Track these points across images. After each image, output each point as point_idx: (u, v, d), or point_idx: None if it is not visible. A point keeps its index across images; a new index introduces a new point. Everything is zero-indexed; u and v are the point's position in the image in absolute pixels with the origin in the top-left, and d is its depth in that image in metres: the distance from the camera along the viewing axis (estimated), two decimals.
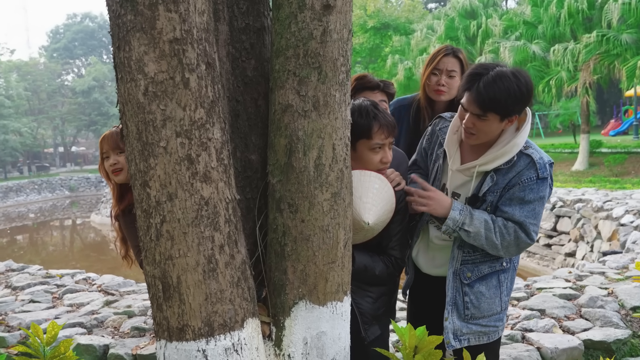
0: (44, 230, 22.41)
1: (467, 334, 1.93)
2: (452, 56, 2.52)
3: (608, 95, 28.49)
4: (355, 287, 1.80)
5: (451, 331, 1.92)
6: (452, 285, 1.93)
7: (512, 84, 1.70)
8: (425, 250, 2.05)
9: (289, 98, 1.54)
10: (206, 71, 1.34)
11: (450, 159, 1.95)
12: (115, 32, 1.31)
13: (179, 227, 1.33)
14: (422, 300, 2.15)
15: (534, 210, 1.81)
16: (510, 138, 1.82)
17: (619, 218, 7.12)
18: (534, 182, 1.80)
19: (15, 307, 4.27)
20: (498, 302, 1.95)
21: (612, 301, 3.56)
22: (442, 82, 2.50)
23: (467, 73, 1.82)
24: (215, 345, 1.37)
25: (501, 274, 1.95)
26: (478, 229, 1.82)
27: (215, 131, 1.37)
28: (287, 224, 1.56)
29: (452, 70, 2.50)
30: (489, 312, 1.94)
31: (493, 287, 1.93)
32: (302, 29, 1.52)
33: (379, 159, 1.87)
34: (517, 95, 1.71)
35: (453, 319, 1.93)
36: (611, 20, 12.99)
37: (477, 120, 1.76)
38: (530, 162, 1.80)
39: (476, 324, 1.94)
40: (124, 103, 1.33)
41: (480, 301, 1.92)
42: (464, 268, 1.92)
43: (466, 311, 1.93)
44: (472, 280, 1.92)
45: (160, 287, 1.36)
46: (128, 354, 3.30)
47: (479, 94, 1.72)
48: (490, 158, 1.83)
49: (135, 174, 1.34)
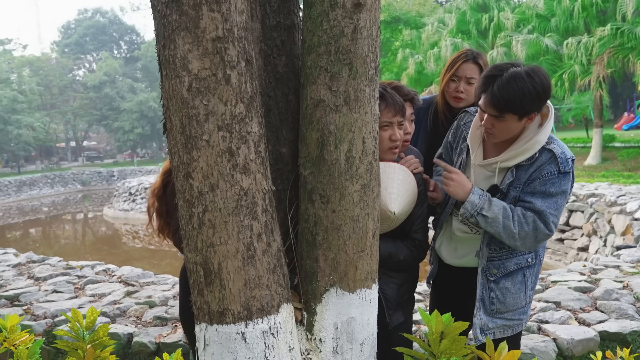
0: (56, 224, 22.71)
1: (492, 328, 1.98)
2: (472, 62, 2.50)
3: (621, 89, 28.20)
4: (380, 274, 1.86)
5: (478, 326, 1.98)
6: (480, 283, 1.98)
7: (526, 84, 1.72)
8: (449, 242, 2.10)
9: (320, 93, 1.60)
10: (245, 68, 1.41)
11: (472, 153, 1.99)
12: (161, 31, 1.38)
13: (220, 216, 1.40)
14: (445, 289, 2.21)
15: (556, 203, 1.84)
16: (532, 135, 1.84)
17: (633, 212, 7.11)
18: (555, 176, 1.82)
19: (39, 297, 4.39)
20: (523, 296, 1.99)
21: (628, 294, 3.59)
22: (461, 89, 2.50)
23: (482, 75, 1.84)
24: (254, 329, 1.45)
25: (526, 269, 1.98)
26: (496, 215, 1.84)
27: (254, 125, 1.43)
28: (319, 214, 1.63)
29: (472, 77, 2.48)
30: (514, 307, 1.98)
31: (518, 283, 1.97)
32: (333, 27, 1.57)
33: (388, 137, 1.92)
34: (533, 94, 1.73)
35: (480, 314, 1.98)
36: (626, 13, 12.86)
37: (496, 121, 1.80)
38: (551, 156, 1.83)
39: (501, 317, 1.99)
40: (168, 98, 1.40)
41: (505, 296, 1.97)
42: (490, 265, 1.96)
43: (492, 306, 1.98)
44: (497, 277, 1.96)
45: (202, 273, 1.43)
46: (152, 342, 3.40)
47: (494, 96, 1.75)
48: (512, 155, 1.86)
49: (179, 165, 1.41)
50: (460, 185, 1.90)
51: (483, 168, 1.97)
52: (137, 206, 19.64)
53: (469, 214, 1.89)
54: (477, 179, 1.99)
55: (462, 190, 1.89)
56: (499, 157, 1.90)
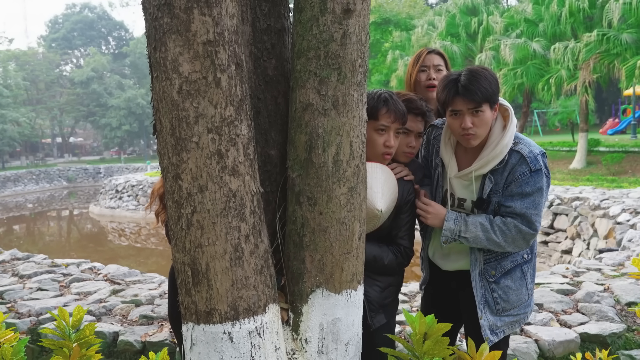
0: (41, 221, 22.44)
1: (501, 326, 2.02)
2: (435, 53, 2.62)
3: (607, 94, 28.63)
4: (364, 276, 1.88)
5: (487, 327, 2.01)
6: (480, 285, 2.01)
7: (485, 73, 1.84)
8: (441, 250, 2.14)
9: (309, 97, 1.62)
10: (236, 71, 1.43)
11: (447, 166, 2.03)
12: (152, 34, 1.39)
13: (208, 217, 1.41)
14: (438, 293, 2.24)
15: (534, 201, 1.87)
16: (498, 139, 1.89)
17: (615, 216, 7.24)
18: (528, 176, 1.86)
19: (24, 295, 4.35)
20: (525, 291, 2.04)
21: (608, 297, 3.67)
22: (432, 76, 2.57)
23: (441, 84, 1.89)
24: (240, 328, 1.47)
25: (524, 265, 2.03)
26: (475, 234, 1.90)
27: (243, 127, 1.45)
28: (306, 216, 1.65)
29: (439, 64, 2.58)
30: (518, 303, 2.03)
31: (518, 279, 2.02)
32: (323, 32, 1.60)
33: (383, 142, 1.93)
34: (493, 81, 1.84)
35: (487, 315, 2.01)
36: (612, 20, 13.07)
37: (475, 117, 1.84)
38: (520, 157, 1.87)
39: (508, 315, 2.03)
40: (158, 100, 1.41)
41: (508, 295, 2.01)
42: (487, 267, 2.00)
43: (497, 306, 2.01)
44: (497, 277, 2.00)
45: (190, 273, 1.45)
46: (137, 340, 3.39)
47: (468, 89, 1.81)
48: (484, 162, 1.91)
49: (168, 167, 1.43)
50: (436, 215, 1.97)
51: (460, 179, 2.01)
52: (124, 204, 19.49)
53: (450, 239, 1.96)
54: (457, 189, 2.03)
55: (438, 219, 1.97)
56: (472, 167, 1.94)
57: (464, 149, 1.99)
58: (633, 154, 14.21)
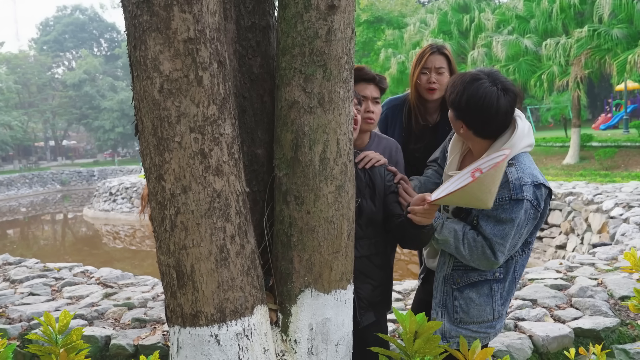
0: (35, 225, 22.29)
1: (456, 336, 1.95)
2: (438, 54, 2.58)
3: (599, 89, 28.76)
4: (357, 273, 1.87)
5: (440, 332, 1.96)
6: (441, 289, 1.96)
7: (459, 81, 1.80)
8: (432, 249, 2.12)
9: (295, 95, 1.60)
10: (218, 69, 1.41)
11: (448, 161, 2.00)
12: (132, 32, 1.36)
13: (192, 218, 1.39)
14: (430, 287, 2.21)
15: (504, 231, 1.75)
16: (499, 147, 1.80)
17: (608, 211, 7.26)
18: (506, 202, 1.73)
19: (15, 300, 4.30)
20: (489, 310, 1.92)
21: (602, 291, 3.67)
22: (432, 80, 2.55)
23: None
24: (227, 331, 1.44)
25: (494, 283, 1.91)
26: (446, 238, 1.84)
27: (227, 127, 1.43)
28: (294, 216, 1.63)
29: (441, 67, 2.56)
30: (478, 319, 1.93)
31: (484, 295, 1.91)
32: (307, 28, 1.58)
33: None
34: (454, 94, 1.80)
35: (443, 320, 1.95)
36: (602, 15, 13.13)
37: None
38: (505, 181, 1.73)
39: (466, 328, 1.94)
40: (139, 100, 1.39)
41: (469, 307, 1.92)
42: (454, 274, 1.94)
43: (455, 315, 1.94)
44: (460, 285, 1.93)
45: (175, 275, 1.42)
46: (130, 344, 3.36)
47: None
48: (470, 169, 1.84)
49: (151, 167, 1.40)
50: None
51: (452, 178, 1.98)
52: (118, 206, 19.38)
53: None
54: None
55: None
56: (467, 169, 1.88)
57: (471, 154, 1.94)
58: (625, 148, 14.28)
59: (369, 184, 1.94)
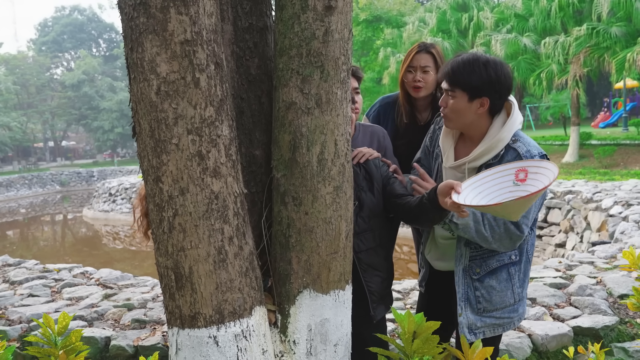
0: (35, 226, 22.28)
1: (481, 327, 1.98)
2: (425, 52, 2.60)
3: (598, 87, 28.76)
4: (366, 267, 1.90)
5: (466, 326, 1.97)
6: (462, 282, 1.97)
7: (479, 64, 1.80)
8: (436, 249, 2.12)
9: (292, 96, 1.60)
10: (215, 71, 1.41)
11: (444, 155, 2.01)
12: (128, 34, 1.36)
13: (190, 220, 1.39)
14: (435, 293, 2.21)
15: None
16: (496, 133, 1.87)
17: (607, 209, 7.26)
18: None
19: (15, 302, 4.30)
20: (510, 294, 1.97)
21: (601, 289, 3.67)
22: (417, 78, 2.57)
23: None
24: (226, 332, 1.44)
25: (511, 266, 1.97)
26: (466, 222, 1.84)
27: (224, 128, 1.43)
28: (292, 217, 1.63)
29: (426, 65, 2.58)
30: (501, 305, 1.98)
31: (504, 281, 1.96)
32: (305, 29, 1.58)
33: None
34: (483, 75, 1.78)
35: (467, 313, 1.98)
36: (601, 14, 13.13)
37: (448, 99, 1.84)
38: (516, 155, 1.83)
39: (490, 316, 1.98)
40: (136, 102, 1.39)
41: (491, 295, 1.96)
42: (472, 264, 1.96)
43: (478, 305, 1.97)
44: (481, 275, 1.96)
45: (173, 277, 1.43)
46: (130, 345, 3.36)
47: (447, 67, 1.82)
48: (479, 154, 1.88)
49: (148, 169, 1.40)
50: None
51: (454, 170, 1.98)
52: (118, 207, 19.39)
53: (442, 222, 1.90)
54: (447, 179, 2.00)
55: None
56: (467, 158, 1.91)
57: (464, 141, 1.97)
58: (625, 146, 14.29)
59: (365, 177, 1.97)
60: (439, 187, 1.71)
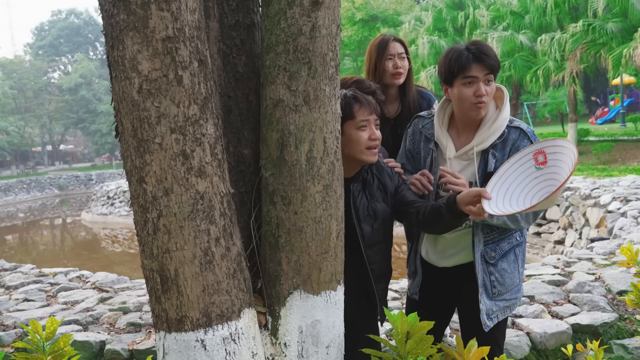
0: (34, 230, 22.22)
1: (496, 311, 2.01)
2: (396, 40, 2.67)
3: (595, 84, 28.76)
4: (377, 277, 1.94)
5: (485, 312, 1.98)
6: (481, 268, 1.99)
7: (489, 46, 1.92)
8: (435, 247, 2.11)
9: (280, 93, 1.57)
10: (199, 68, 1.37)
11: (446, 149, 2.02)
12: (109, 32, 1.33)
13: (175, 221, 1.36)
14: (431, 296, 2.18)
15: None
16: (496, 115, 1.95)
17: (606, 205, 7.23)
18: None
19: (10, 306, 4.27)
20: (517, 274, 2.04)
21: (600, 286, 3.64)
22: (398, 65, 2.60)
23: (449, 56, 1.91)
24: (214, 335, 1.41)
25: (516, 248, 2.04)
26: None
27: (209, 127, 1.40)
28: (281, 216, 1.60)
29: (402, 52, 2.64)
30: (511, 286, 2.03)
31: (512, 262, 2.02)
32: (291, 25, 1.55)
33: (367, 137, 1.89)
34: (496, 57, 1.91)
35: (484, 300, 1.99)
36: (597, 10, 13.12)
37: (487, 86, 1.88)
38: (521, 132, 1.94)
39: (502, 299, 2.02)
40: (118, 101, 1.36)
41: (504, 278, 2.00)
42: (487, 249, 1.98)
43: (493, 289, 2.00)
44: (496, 260, 1.99)
45: (159, 279, 1.39)
46: (125, 349, 3.32)
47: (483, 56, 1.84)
48: (485, 136, 1.94)
49: (131, 170, 1.37)
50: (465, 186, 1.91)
51: (458, 159, 2.01)
52: (116, 210, 19.34)
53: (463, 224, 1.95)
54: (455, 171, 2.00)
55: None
56: (473, 142, 1.96)
57: (457, 132, 2.02)
58: (622, 142, 14.28)
59: (379, 187, 1.98)
60: (459, 197, 1.71)
